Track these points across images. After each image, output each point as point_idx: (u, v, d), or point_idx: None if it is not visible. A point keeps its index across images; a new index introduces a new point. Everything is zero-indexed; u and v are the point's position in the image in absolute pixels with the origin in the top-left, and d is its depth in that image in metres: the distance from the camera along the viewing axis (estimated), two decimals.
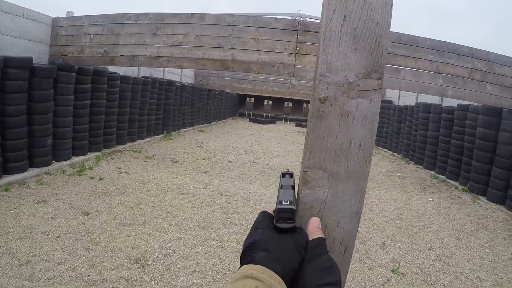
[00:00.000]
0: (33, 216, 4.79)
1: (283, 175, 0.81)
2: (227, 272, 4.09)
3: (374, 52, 0.66)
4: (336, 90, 0.67)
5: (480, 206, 7.37)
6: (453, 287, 4.10)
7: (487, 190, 7.81)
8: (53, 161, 7.22)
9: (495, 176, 7.55)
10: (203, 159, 10.08)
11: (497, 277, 4.39)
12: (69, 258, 3.92)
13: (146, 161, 8.89)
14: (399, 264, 4.53)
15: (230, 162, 10.09)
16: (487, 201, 7.63)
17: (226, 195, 6.75)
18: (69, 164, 7.47)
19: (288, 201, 0.68)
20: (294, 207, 0.67)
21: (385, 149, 15.71)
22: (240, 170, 9.12)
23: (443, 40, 6.88)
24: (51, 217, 4.84)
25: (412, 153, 12.44)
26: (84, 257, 3.99)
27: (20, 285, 3.31)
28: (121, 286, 3.57)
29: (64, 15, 7.84)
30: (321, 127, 0.68)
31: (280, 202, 0.69)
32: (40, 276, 3.51)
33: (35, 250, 3.96)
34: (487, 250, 5.17)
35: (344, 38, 0.66)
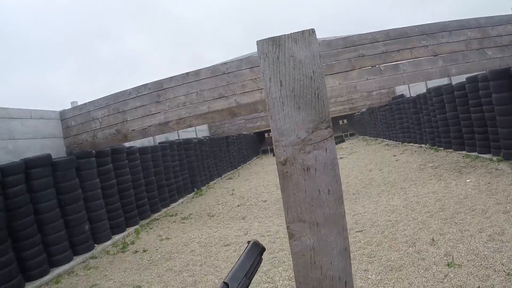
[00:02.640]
0: None
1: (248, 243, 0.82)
2: None
3: (316, 105, 0.73)
4: (293, 150, 0.74)
5: None
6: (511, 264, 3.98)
7: None
8: (95, 245, 7.41)
9: None
10: (238, 205, 10.13)
11: None
12: None
13: (184, 223, 8.99)
14: (453, 256, 4.42)
15: (265, 201, 10.11)
16: None
17: (268, 236, 6.74)
18: (111, 244, 7.63)
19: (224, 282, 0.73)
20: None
21: (411, 144, 15.49)
22: (276, 207, 9.11)
23: (431, 22, 6.91)
24: None
25: (438, 139, 12.22)
26: None
27: None
28: None
29: (69, 106, 8.20)
30: (289, 186, 0.75)
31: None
32: None
33: None
34: None
35: (286, 101, 0.74)
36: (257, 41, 0.74)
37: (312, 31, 0.75)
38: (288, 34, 0.74)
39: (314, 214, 0.77)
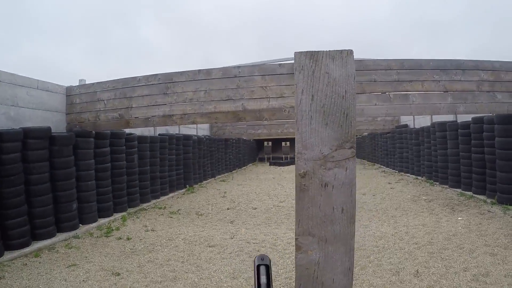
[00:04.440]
0: (65, 280, 4.87)
1: (258, 266, 0.78)
2: None
3: (344, 124, 0.74)
4: (314, 164, 0.75)
5: (511, 217, 7.17)
6: None
7: None
8: (80, 225, 7.37)
9: None
10: (228, 209, 10.12)
11: None
12: None
13: (171, 217, 8.97)
14: None
15: (255, 209, 10.10)
16: None
17: (254, 243, 6.73)
18: (96, 227, 7.60)
19: None
20: None
21: (408, 174, 15.52)
22: (265, 215, 9.11)
23: (446, 58, 6.96)
24: (83, 280, 4.91)
25: (436, 173, 12.27)
26: None
27: None
28: None
29: (77, 83, 8.20)
30: (305, 199, 0.76)
31: None
32: None
33: None
34: None
35: (315, 116, 0.75)
36: (294, 52, 0.75)
37: (350, 52, 0.76)
38: (326, 51, 0.75)
39: (325, 230, 0.77)
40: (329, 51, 0.76)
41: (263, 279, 0.71)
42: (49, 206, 6.59)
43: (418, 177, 14.31)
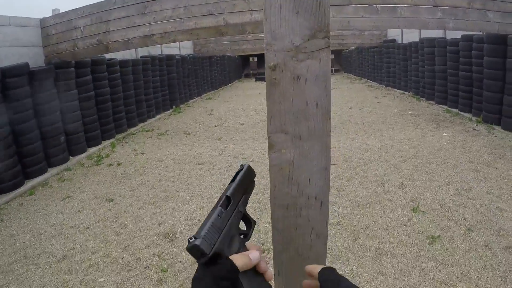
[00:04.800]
0: (61, 213, 4.97)
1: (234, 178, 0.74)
2: (254, 233, 4.21)
3: (317, 12, 0.68)
4: (284, 55, 0.69)
5: (496, 136, 7.27)
6: (474, 220, 4.15)
7: (501, 119, 7.69)
8: (70, 157, 7.36)
9: (507, 104, 7.41)
10: (215, 126, 10.20)
11: None
12: (102, 245, 4.10)
13: (159, 139, 9.02)
14: (419, 203, 4.59)
15: (242, 124, 10.19)
16: (502, 130, 7.52)
17: (242, 158, 6.88)
18: (86, 157, 7.62)
19: (193, 237, 0.62)
20: (197, 242, 0.61)
21: (395, 89, 15.50)
22: (252, 131, 9.23)
23: None
24: (78, 211, 5.02)
25: (422, 89, 12.26)
26: (115, 242, 4.16)
27: (61, 280, 3.50)
28: (154, 262, 3.74)
29: (51, 14, 7.76)
30: (275, 93, 0.71)
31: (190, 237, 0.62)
32: (77, 268, 3.69)
33: (69, 245, 4.14)
34: (505, 180, 5.14)
35: (284, 4, 0.68)
36: None
37: None
38: None
39: (298, 127, 0.73)
40: None
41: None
42: (37, 142, 6.50)
43: (405, 92, 14.32)
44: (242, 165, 0.73)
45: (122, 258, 3.84)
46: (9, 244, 4.25)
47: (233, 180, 0.70)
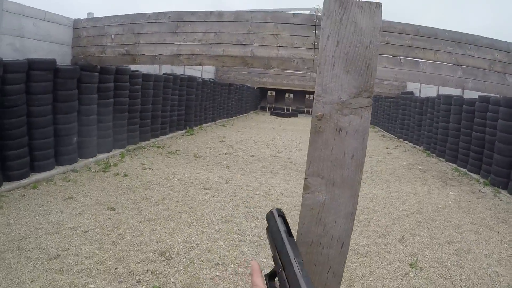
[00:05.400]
0: (61, 212, 5.00)
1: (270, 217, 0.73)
2: (249, 265, 4.21)
3: (364, 73, 0.75)
4: (331, 108, 0.77)
5: (501, 200, 7.26)
6: (470, 282, 4.13)
7: (508, 184, 7.69)
8: (79, 159, 7.45)
9: None
10: (225, 153, 10.23)
11: None
12: (97, 252, 4.11)
13: (169, 157, 9.08)
14: (417, 258, 4.57)
15: (252, 156, 10.22)
16: (508, 195, 7.50)
17: (248, 190, 6.87)
18: (94, 161, 7.70)
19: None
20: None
21: (406, 142, 15.57)
22: (262, 164, 9.24)
23: (461, 31, 6.80)
24: (79, 213, 5.04)
25: (434, 145, 12.30)
26: (111, 251, 4.16)
27: (50, 278, 3.50)
28: (147, 279, 3.73)
29: (85, 16, 8.03)
30: (318, 141, 0.78)
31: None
32: (69, 269, 3.69)
33: (64, 245, 4.15)
34: (506, 245, 5.12)
35: (337, 62, 0.75)
36: None
37: (379, 5, 0.75)
38: (356, 0, 0.74)
39: (333, 173, 0.80)
40: (359, 0, 0.75)
41: (282, 227, 0.69)
42: (50, 138, 6.64)
43: (416, 146, 14.37)
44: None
45: (115, 269, 3.84)
46: (4, 233, 4.28)
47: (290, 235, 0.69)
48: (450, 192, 7.67)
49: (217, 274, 3.99)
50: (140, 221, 5.02)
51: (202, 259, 4.25)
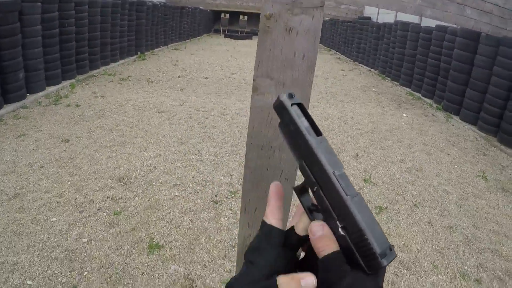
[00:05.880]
0: (15, 151, 4.84)
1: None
2: (207, 184, 4.33)
3: None
4: (281, 7, 0.73)
5: (453, 125, 7.58)
6: (421, 198, 4.41)
7: (460, 110, 8.00)
8: (28, 94, 7.06)
9: (469, 97, 7.70)
10: (179, 77, 10.08)
11: (463, 192, 4.68)
12: (55, 185, 4.06)
13: (121, 83, 8.84)
14: (371, 174, 4.81)
15: (206, 78, 10.13)
16: (459, 121, 7.82)
17: (203, 111, 6.91)
18: (44, 95, 7.35)
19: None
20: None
21: (362, 65, 15.72)
22: (216, 85, 9.23)
23: None
24: (33, 149, 4.91)
25: (389, 69, 12.50)
26: (69, 183, 4.13)
27: (12, 218, 3.46)
28: (107, 205, 3.76)
29: None
30: (267, 41, 0.76)
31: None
32: (29, 206, 3.66)
33: (22, 183, 4.07)
34: (455, 166, 5.44)
35: None
36: None
37: None
38: None
39: (283, 74, 0.78)
40: None
41: (304, 121, 0.49)
42: None
43: (371, 69, 14.55)
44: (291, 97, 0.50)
45: (75, 199, 3.83)
46: None
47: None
48: (404, 114, 7.94)
49: (176, 194, 4.08)
50: (95, 150, 4.97)
51: (160, 181, 4.31)
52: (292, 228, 0.50)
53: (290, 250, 0.49)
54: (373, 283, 0.43)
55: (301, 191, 0.51)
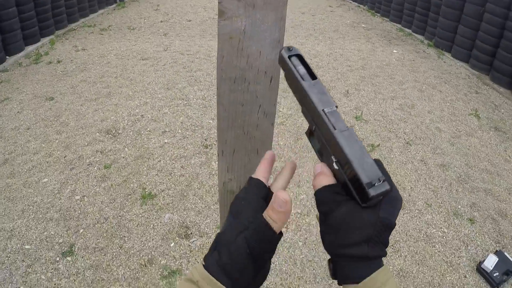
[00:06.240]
0: (0, 116, 4.73)
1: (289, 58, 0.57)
2: (196, 128, 4.29)
3: None
4: None
5: (444, 62, 7.40)
6: (413, 135, 4.38)
7: (452, 47, 7.78)
8: (7, 57, 6.79)
9: (461, 34, 7.45)
10: (161, 21, 9.74)
11: (456, 130, 4.66)
12: (43, 145, 4.01)
13: (102, 34, 8.52)
14: (362, 112, 4.75)
15: (189, 21, 9.81)
16: (451, 58, 7.62)
17: (188, 54, 6.75)
18: (23, 56, 7.08)
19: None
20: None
21: (350, 1, 15.22)
22: (200, 28, 8.96)
23: None
24: (18, 112, 4.79)
25: (379, 5, 12.07)
26: (57, 141, 4.07)
27: (3, 184, 3.44)
28: (97, 159, 3.72)
29: None
30: None
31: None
32: (20, 170, 3.63)
33: (10, 148, 4.00)
34: (448, 104, 5.38)
35: None
36: None
37: None
38: None
39: None
40: None
41: (301, 69, 0.54)
42: None
43: (360, 5, 14.08)
44: (289, 50, 0.57)
45: (64, 157, 3.79)
46: None
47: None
48: (394, 51, 7.77)
49: (166, 141, 4.05)
50: (81, 104, 4.87)
51: (148, 129, 4.27)
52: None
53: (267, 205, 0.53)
54: (372, 216, 0.47)
55: (309, 134, 0.56)
